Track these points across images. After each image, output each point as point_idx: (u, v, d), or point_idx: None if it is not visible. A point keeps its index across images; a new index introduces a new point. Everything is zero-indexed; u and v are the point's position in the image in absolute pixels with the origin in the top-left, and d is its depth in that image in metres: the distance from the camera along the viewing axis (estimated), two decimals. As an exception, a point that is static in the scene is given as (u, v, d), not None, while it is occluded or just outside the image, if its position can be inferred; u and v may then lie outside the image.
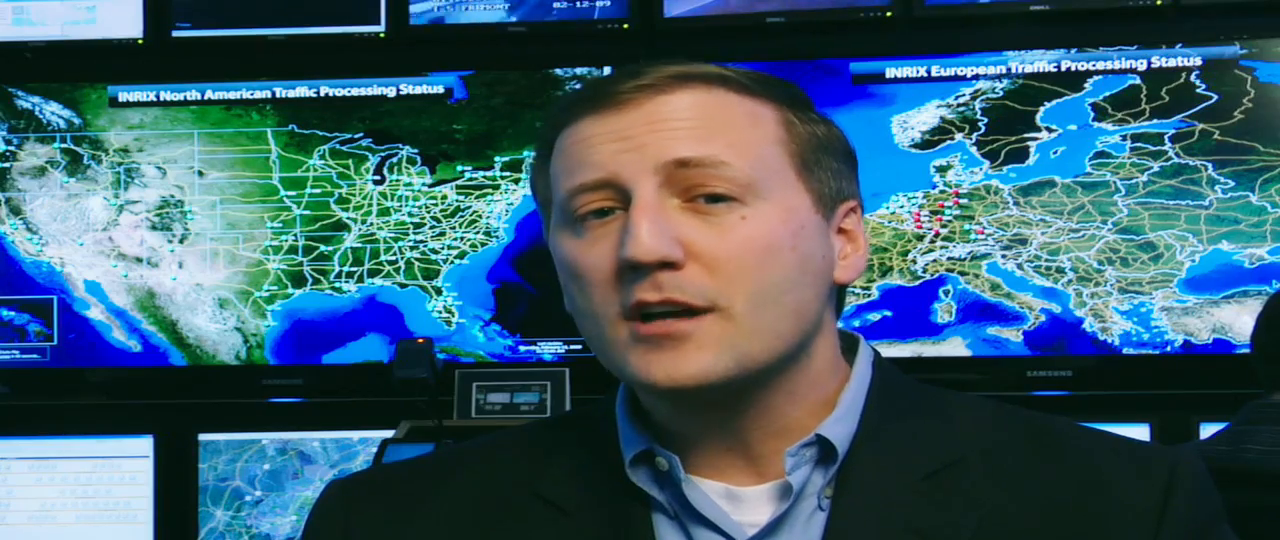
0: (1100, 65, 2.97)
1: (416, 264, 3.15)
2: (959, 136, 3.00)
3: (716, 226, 0.92)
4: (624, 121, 0.93)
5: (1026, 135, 2.98)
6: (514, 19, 3.17)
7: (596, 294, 0.93)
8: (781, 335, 0.94)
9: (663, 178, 0.92)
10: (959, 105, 3.01)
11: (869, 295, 3.02)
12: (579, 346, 3.10)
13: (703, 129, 0.93)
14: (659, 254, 0.89)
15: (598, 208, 0.93)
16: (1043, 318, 2.98)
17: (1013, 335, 2.99)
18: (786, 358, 0.95)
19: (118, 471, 3.10)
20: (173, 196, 3.21)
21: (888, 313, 3.03)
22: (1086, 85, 2.97)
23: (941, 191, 3.01)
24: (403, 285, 3.15)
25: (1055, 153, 2.97)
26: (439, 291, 3.15)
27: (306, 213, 3.18)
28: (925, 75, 3.03)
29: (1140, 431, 2.82)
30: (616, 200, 0.93)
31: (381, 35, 3.19)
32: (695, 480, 0.97)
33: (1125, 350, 2.96)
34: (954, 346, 3.01)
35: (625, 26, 3.13)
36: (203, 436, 3.12)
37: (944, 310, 3.01)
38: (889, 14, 3.05)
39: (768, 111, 0.97)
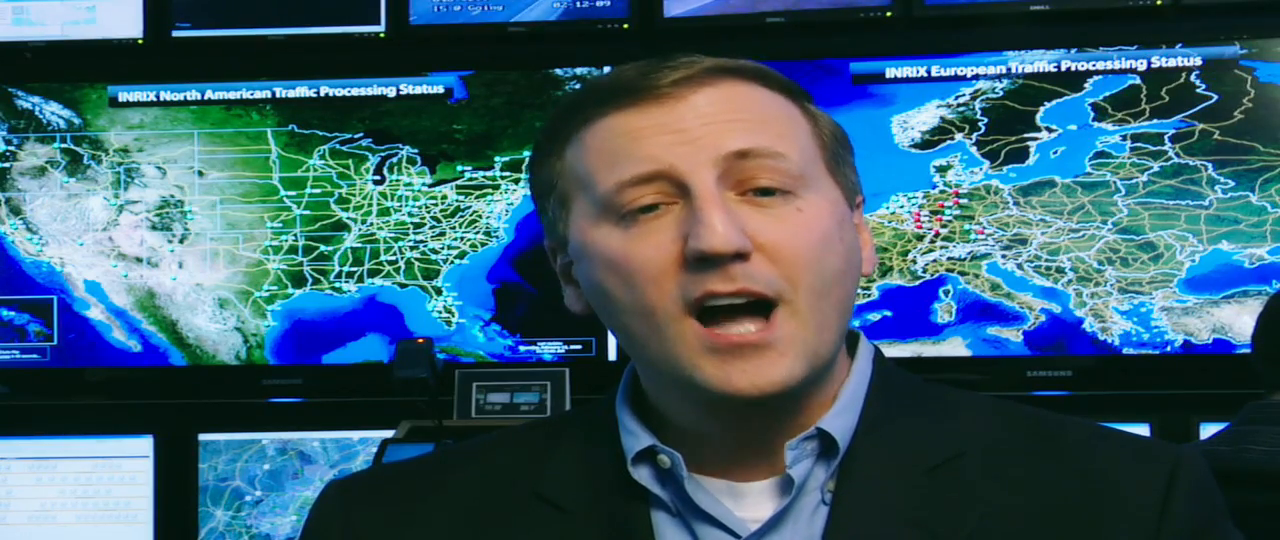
0: (1100, 65, 2.97)
1: (416, 264, 3.15)
2: (959, 136, 3.00)
3: (774, 217, 0.92)
4: (672, 114, 0.93)
5: (1026, 135, 2.98)
6: (514, 19, 3.17)
7: (650, 289, 0.92)
8: (835, 328, 0.94)
9: (721, 170, 0.92)
10: (959, 105, 3.01)
11: (869, 295, 3.02)
12: (579, 346, 3.10)
13: (752, 122, 0.93)
14: (735, 245, 0.89)
15: (647, 203, 0.92)
16: (1043, 318, 2.98)
17: (1013, 335, 2.99)
18: (836, 352, 0.96)
19: (118, 471, 3.10)
20: (173, 196, 3.21)
21: (888, 313, 3.02)
22: (1086, 85, 2.97)
23: (941, 191, 3.01)
24: (403, 285, 3.15)
25: (1055, 153, 2.97)
26: (439, 291, 3.15)
27: (306, 213, 3.18)
28: (925, 75, 3.03)
29: (1140, 431, 2.80)
30: (668, 193, 0.92)
31: (381, 35, 3.19)
32: (696, 477, 0.97)
33: (1125, 350, 2.95)
34: (954, 346, 3.01)
35: (625, 26, 3.13)
36: (203, 436, 3.12)
37: (944, 310, 3.01)
38: (889, 14, 3.05)
39: (793, 106, 0.98)
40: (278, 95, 3.20)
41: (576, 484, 1.00)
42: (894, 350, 2.98)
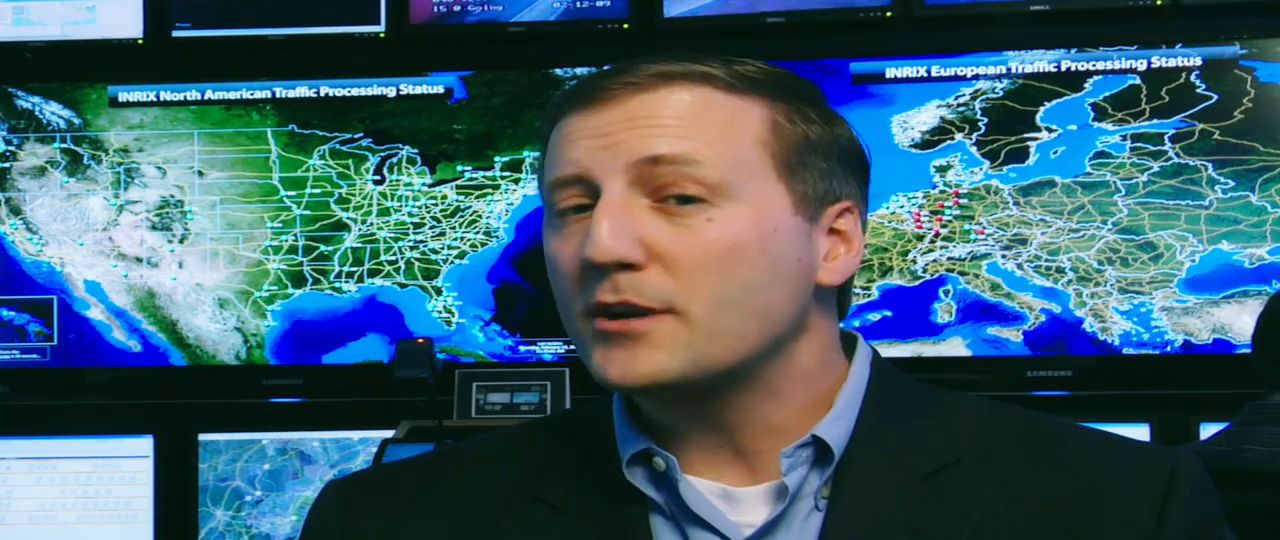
0: (1100, 65, 2.97)
1: (416, 264, 3.15)
2: (959, 136, 3.00)
3: (682, 227, 0.91)
4: (604, 119, 0.93)
5: (1026, 135, 2.98)
6: (514, 19, 3.17)
7: (568, 288, 0.95)
8: (744, 337, 0.93)
9: (633, 176, 0.92)
10: (959, 105, 3.01)
11: (869, 295, 3.02)
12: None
13: (680, 127, 0.92)
14: (615, 255, 0.90)
15: (575, 204, 0.94)
16: (1043, 318, 2.98)
17: (1013, 335, 2.99)
18: (754, 360, 0.94)
19: (118, 471, 3.10)
20: (173, 196, 3.21)
21: (888, 313, 3.02)
22: (1086, 85, 2.97)
23: (941, 191, 3.01)
24: (403, 285, 3.15)
25: (1055, 153, 2.97)
26: (439, 291, 3.15)
27: (306, 213, 3.18)
28: (925, 75, 3.03)
29: (1140, 431, 2.82)
30: (589, 197, 0.93)
31: (381, 35, 3.19)
32: (692, 480, 0.97)
33: (1125, 350, 2.95)
34: (954, 346, 3.01)
35: (625, 26, 3.13)
36: (203, 436, 3.12)
37: (944, 310, 3.01)
38: (889, 14, 3.04)
39: (755, 109, 0.95)
40: (278, 95, 3.20)
41: (574, 486, 1.00)
42: (894, 350, 2.98)
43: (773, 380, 0.96)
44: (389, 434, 2.74)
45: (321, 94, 3.19)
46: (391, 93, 3.18)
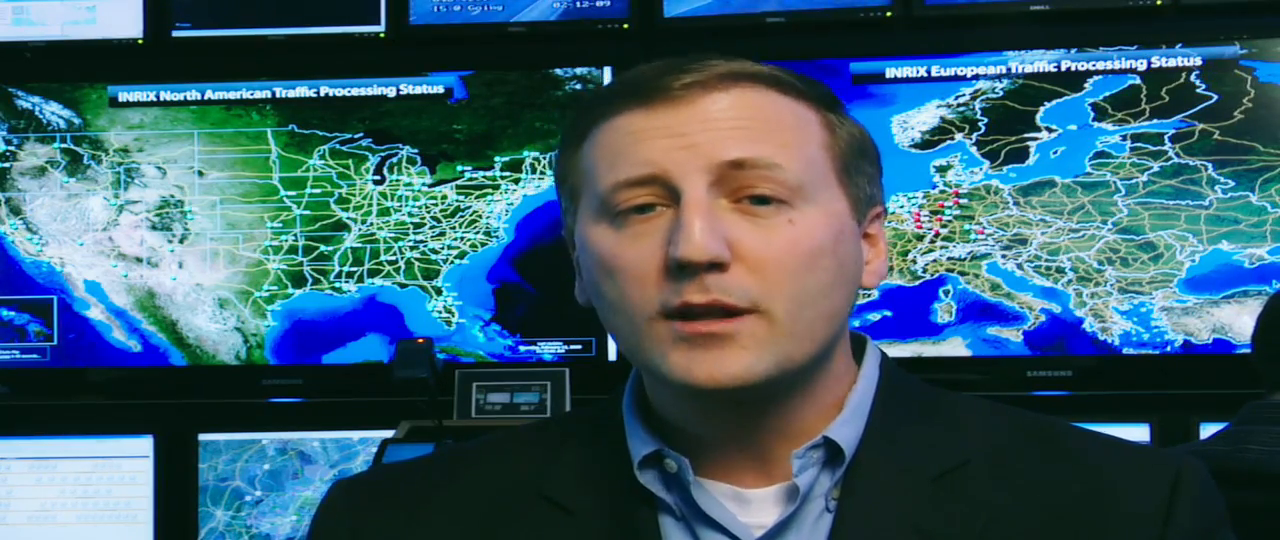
0: (1100, 65, 2.97)
1: (416, 264, 3.15)
2: (959, 136, 3.01)
3: (764, 228, 0.92)
4: (676, 118, 0.93)
5: (1026, 135, 2.98)
6: (514, 19, 3.17)
7: (634, 290, 0.93)
8: (817, 339, 0.94)
9: (714, 177, 0.91)
10: (959, 105, 3.01)
11: (869, 295, 3.02)
12: (579, 346, 3.11)
13: (756, 130, 0.93)
14: (711, 254, 0.89)
15: (640, 203, 0.93)
16: (1043, 318, 2.98)
17: (1013, 335, 2.99)
18: (818, 360, 0.96)
19: (118, 471, 3.10)
20: (173, 196, 3.21)
21: (888, 313, 3.03)
22: (1086, 85, 2.97)
23: (941, 191, 3.01)
24: (403, 285, 3.15)
25: (1055, 153, 2.97)
26: (439, 291, 3.15)
27: (306, 213, 3.18)
28: (925, 75, 3.03)
29: (1140, 431, 2.82)
30: (662, 197, 0.92)
31: (381, 35, 3.19)
32: (702, 482, 0.97)
33: (1125, 350, 2.96)
34: (954, 346, 3.01)
35: (625, 26, 3.13)
36: (203, 436, 3.12)
37: (944, 310, 3.01)
38: (889, 14, 3.05)
39: (811, 114, 0.97)
40: (278, 95, 3.20)
41: (583, 486, 1.00)
42: (894, 350, 2.98)
43: (815, 382, 0.97)
44: (389, 434, 2.74)
45: (321, 94, 3.19)
46: (391, 93, 3.18)
